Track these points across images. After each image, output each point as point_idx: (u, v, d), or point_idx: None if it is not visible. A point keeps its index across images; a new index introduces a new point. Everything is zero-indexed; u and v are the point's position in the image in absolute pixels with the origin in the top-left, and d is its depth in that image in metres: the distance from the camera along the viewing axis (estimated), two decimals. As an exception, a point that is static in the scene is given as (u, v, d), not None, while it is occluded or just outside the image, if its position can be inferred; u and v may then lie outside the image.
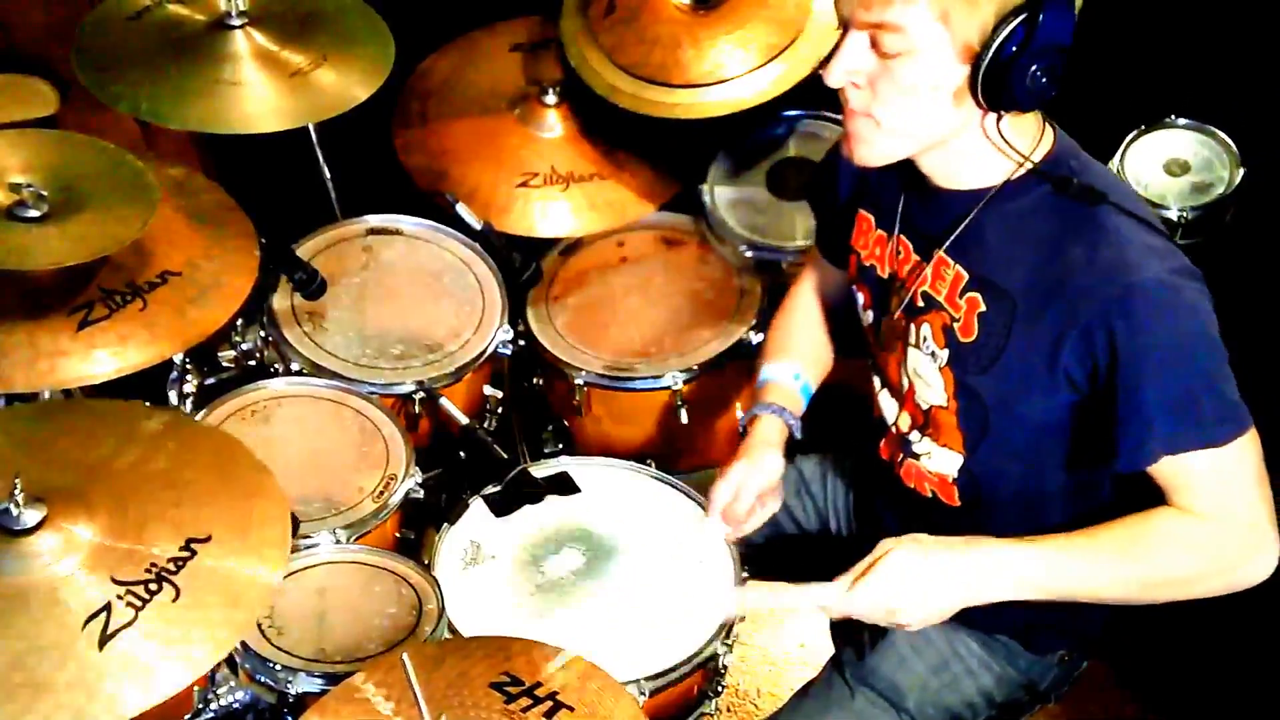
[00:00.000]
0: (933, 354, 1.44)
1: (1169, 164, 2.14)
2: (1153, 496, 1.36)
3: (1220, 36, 2.20)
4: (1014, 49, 1.24)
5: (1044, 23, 1.23)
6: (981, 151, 1.35)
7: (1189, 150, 2.14)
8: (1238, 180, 2.09)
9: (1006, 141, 1.32)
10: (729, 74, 2.08)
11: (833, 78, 1.32)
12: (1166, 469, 1.32)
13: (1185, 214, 2.08)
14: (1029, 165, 1.34)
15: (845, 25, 1.31)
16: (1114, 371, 1.30)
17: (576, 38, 2.18)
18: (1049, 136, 1.38)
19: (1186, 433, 1.30)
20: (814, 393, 1.68)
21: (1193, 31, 2.21)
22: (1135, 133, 2.15)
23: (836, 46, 1.31)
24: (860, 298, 1.57)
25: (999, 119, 1.31)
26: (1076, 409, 1.37)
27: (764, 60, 2.08)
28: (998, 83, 1.26)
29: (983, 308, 1.38)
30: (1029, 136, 1.36)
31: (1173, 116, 2.15)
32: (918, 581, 1.33)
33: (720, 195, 2.24)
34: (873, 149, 1.36)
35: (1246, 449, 1.32)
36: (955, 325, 1.41)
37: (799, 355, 1.69)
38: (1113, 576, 1.34)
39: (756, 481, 1.55)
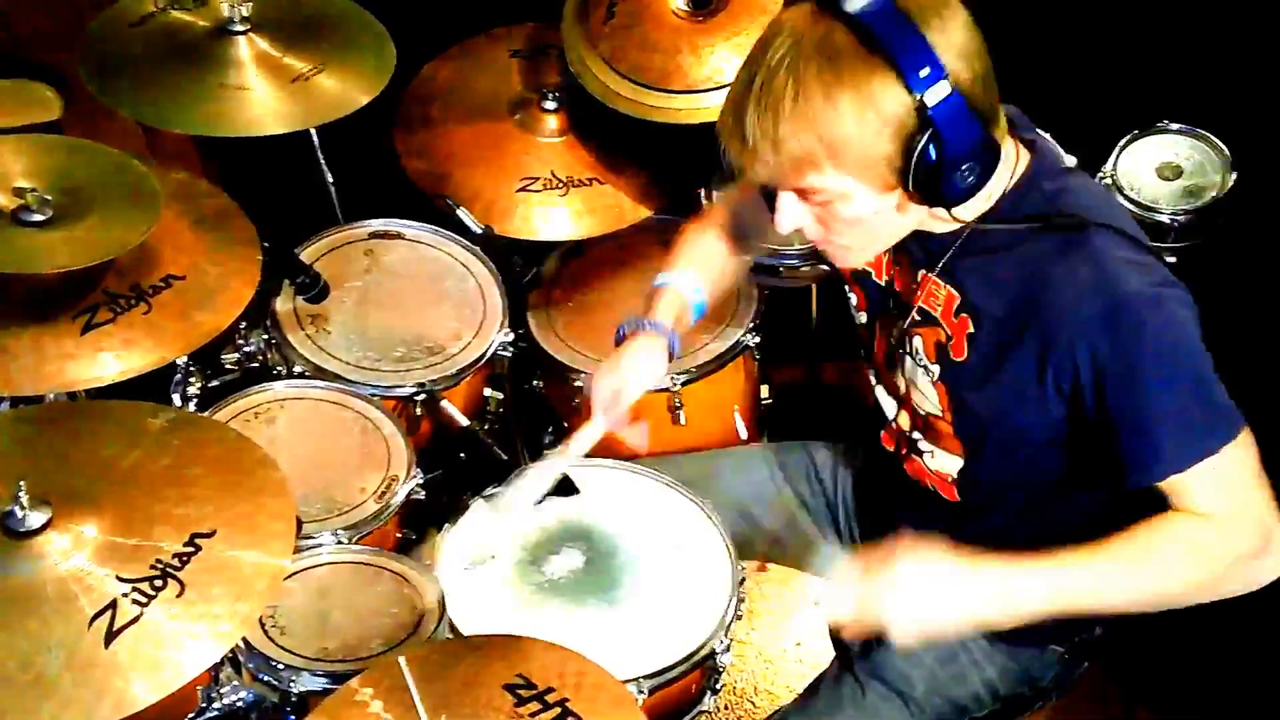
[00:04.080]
0: (925, 367, 1.46)
1: (1162, 168, 2.15)
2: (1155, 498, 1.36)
3: (1213, 41, 2.21)
4: (930, 165, 1.25)
5: (946, 136, 1.23)
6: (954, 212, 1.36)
7: (1182, 154, 2.15)
8: (1230, 184, 2.10)
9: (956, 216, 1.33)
10: (727, 79, 2.10)
11: (781, 230, 1.36)
12: (1169, 482, 1.33)
13: (1178, 218, 2.10)
14: (1003, 191, 1.35)
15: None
16: (1102, 390, 1.31)
17: (576, 43, 2.20)
18: (1023, 159, 1.38)
19: (1186, 446, 1.31)
20: (705, 310, 1.71)
21: (1185, 36, 2.23)
22: (1128, 137, 2.17)
23: (774, 202, 1.35)
24: (854, 298, 1.59)
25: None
26: (1070, 424, 1.38)
27: (761, 65, 2.10)
28: (931, 192, 1.28)
29: (971, 329, 1.40)
30: (1000, 173, 1.34)
31: (1165, 121, 2.17)
32: (916, 599, 1.30)
33: (718, 199, 2.26)
34: (850, 259, 1.44)
35: (1241, 450, 1.32)
36: (949, 344, 1.43)
37: (706, 273, 1.70)
38: (1123, 591, 1.34)
39: (637, 383, 1.60)
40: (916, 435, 1.53)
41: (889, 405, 1.57)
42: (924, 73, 1.21)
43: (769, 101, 1.24)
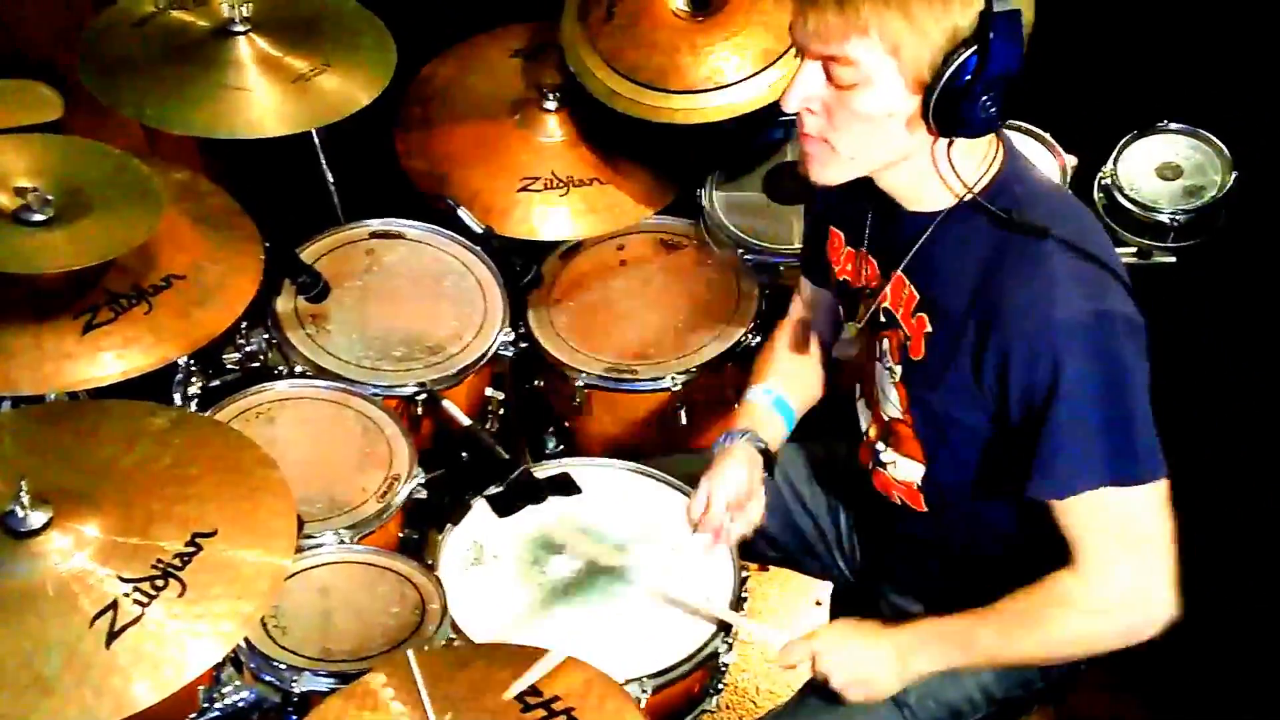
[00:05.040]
0: (890, 369, 1.48)
1: (1162, 168, 2.15)
2: None
3: (1213, 41, 2.22)
4: (965, 79, 1.26)
5: (993, 53, 1.24)
6: (935, 175, 1.37)
7: (1182, 154, 2.16)
8: (1230, 184, 2.11)
9: (953, 168, 1.34)
10: (726, 79, 2.10)
11: (789, 103, 1.34)
12: (1060, 504, 1.35)
13: (1178, 218, 2.10)
14: (971, 194, 1.36)
15: (801, 52, 1.33)
16: (1027, 403, 1.33)
17: (576, 43, 2.20)
18: (999, 158, 1.39)
19: (1080, 474, 1.33)
20: (798, 412, 1.71)
21: (1185, 36, 2.23)
22: (1128, 137, 2.17)
23: (794, 73, 1.34)
24: (840, 309, 1.61)
25: (950, 144, 1.33)
26: (996, 424, 1.40)
27: (761, 66, 2.10)
28: (949, 111, 1.28)
29: (929, 328, 1.42)
30: (980, 157, 1.37)
31: (1165, 121, 2.17)
32: (850, 671, 1.48)
33: (718, 199, 2.26)
34: (827, 170, 1.39)
35: (1140, 502, 1.34)
36: (908, 343, 1.44)
37: (776, 374, 1.72)
38: (1013, 647, 1.43)
39: (724, 492, 1.59)
40: (880, 446, 1.54)
41: (864, 417, 1.59)
42: None
43: None
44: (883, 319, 1.48)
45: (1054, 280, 1.32)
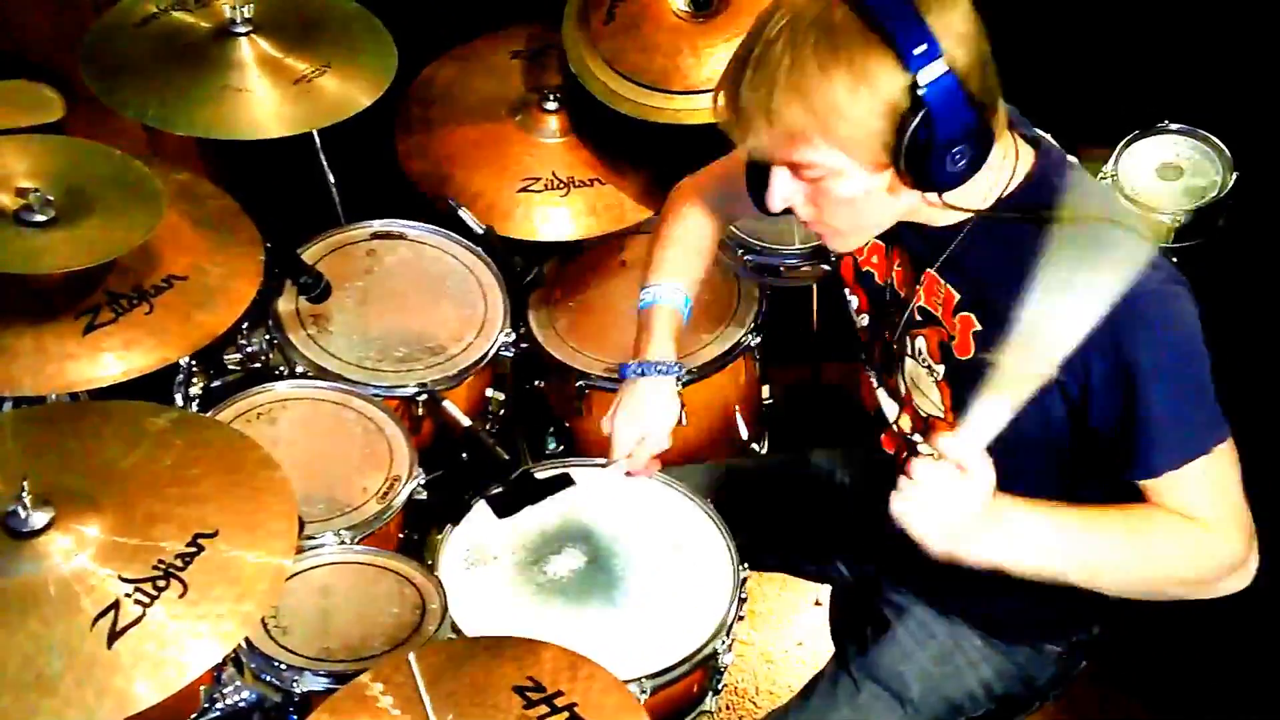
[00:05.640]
0: (929, 368, 1.46)
1: (1162, 168, 2.15)
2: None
3: (1213, 41, 2.22)
4: (921, 146, 1.24)
5: (938, 117, 1.22)
6: (949, 201, 1.35)
7: (1182, 154, 2.15)
8: (1231, 184, 2.10)
9: (965, 192, 1.32)
10: (728, 80, 2.11)
11: (773, 206, 1.35)
12: (1164, 480, 1.33)
13: (1179, 218, 2.10)
14: (1004, 192, 1.35)
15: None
16: (1110, 388, 1.31)
17: (577, 44, 2.20)
18: (1026, 155, 1.37)
19: (1183, 444, 1.31)
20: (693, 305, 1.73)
21: (1186, 36, 2.23)
22: (1129, 137, 2.17)
23: (769, 177, 1.34)
24: (855, 301, 1.59)
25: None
26: (1070, 421, 1.38)
27: (762, 66, 2.10)
28: (921, 173, 1.27)
29: (977, 326, 1.40)
30: (998, 166, 1.35)
31: (1166, 121, 2.17)
32: (938, 517, 1.29)
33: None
34: (846, 242, 1.40)
35: (1228, 455, 1.34)
36: (951, 343, 1.43)
37: (684, 269, 1.73)
38: (1114, 556, 1.34)
39: (639, 430, 1.64)
40: (917, 437, 1.53)
41: (890, 408, 1.57)
42: (919, 50, 1.21)
43: (764, 73, 1.25)
44: (918, 317, 1.46)
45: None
